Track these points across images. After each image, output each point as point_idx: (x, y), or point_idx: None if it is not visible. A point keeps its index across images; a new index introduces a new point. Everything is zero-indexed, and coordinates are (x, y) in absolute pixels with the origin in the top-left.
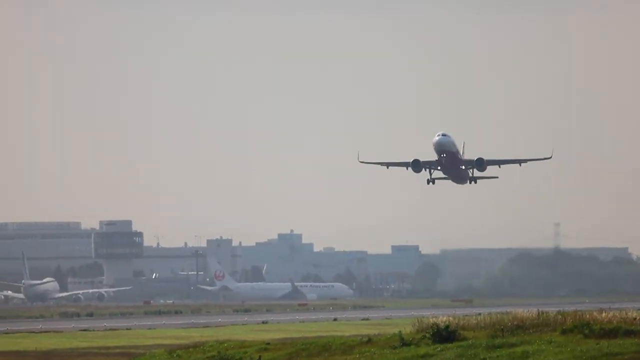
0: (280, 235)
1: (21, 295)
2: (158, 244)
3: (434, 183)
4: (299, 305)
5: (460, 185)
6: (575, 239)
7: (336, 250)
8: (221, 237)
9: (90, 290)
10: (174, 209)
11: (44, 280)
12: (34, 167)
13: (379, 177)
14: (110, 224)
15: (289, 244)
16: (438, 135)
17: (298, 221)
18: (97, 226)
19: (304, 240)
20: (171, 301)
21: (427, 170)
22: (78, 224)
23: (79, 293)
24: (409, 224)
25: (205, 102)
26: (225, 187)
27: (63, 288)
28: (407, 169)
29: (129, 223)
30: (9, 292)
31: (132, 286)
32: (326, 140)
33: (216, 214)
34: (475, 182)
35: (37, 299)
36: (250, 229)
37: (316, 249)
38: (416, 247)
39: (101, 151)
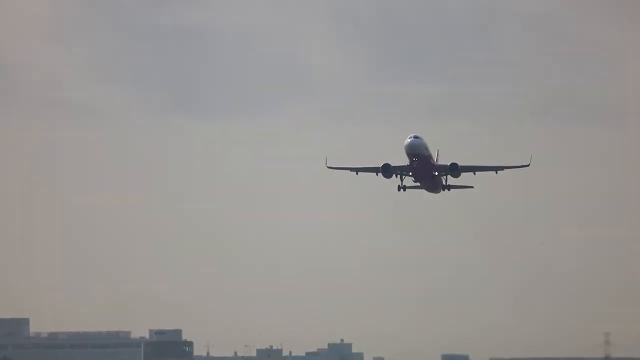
0: (330, 345)
1: None
2: (208, 353)
3: (404, 190)
4: None
5: (435, 195)
6: (626, 348)
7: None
8: (271, 346)
9: None
10: (224, 317)
11: None
12: (83, 276)
13: (425, 284)
14: (160, 333)
15: (339, 353)
16: (410, 138)
17: (348, 329)
18: (147, 335)
19: (354, 350)
20: None
21: (398, 176)
22: (128, 333)
23: None
24: (458, 332)
25: (253, 211)
26: (275, 294)
27: None
28: (377, 174)
29: (178, 332)
30: None
31: None
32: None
33: (266, 322)
34: (449, 190)
35: None
36: (300, 337)
37: (366, 358)
38: (466, 357)
39: (150, 261)
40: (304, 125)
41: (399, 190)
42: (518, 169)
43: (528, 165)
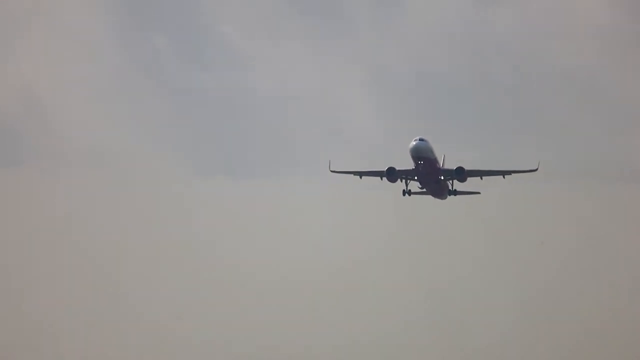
0: None
1: None
2: None
3: (410, 194)
4: None
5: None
6: None
7: None
8: None
9: None
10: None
11: None
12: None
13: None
14: None
15: None
16: (415, 140)
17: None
18: None
19: None
20: None
21: (403, 180)
22: None
23: None
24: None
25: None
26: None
27: None
28: (381, 179)
29: None
30: None
31: None
32: None
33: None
34: (456, 195)
35: None
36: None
37: None
38: None
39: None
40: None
41: (404, 195)
42: (525, 173)
43: (536, 169)
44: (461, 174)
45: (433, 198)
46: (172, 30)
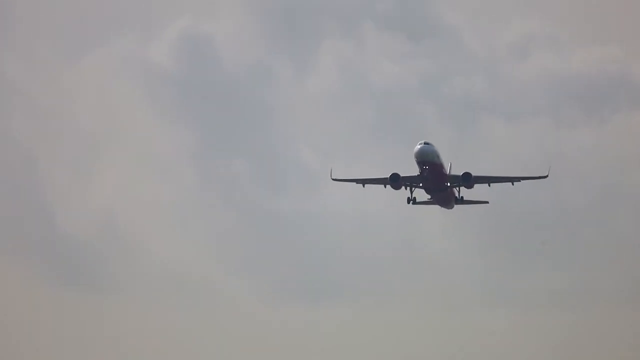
0: None
1: None
2: None
3: (415, 202)
4: None
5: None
6: None
7: None
8: None
9: None
10: None
11: None
12: None
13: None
14: None
15: None
16: (420, 144)
17: None
18: None
19: None
20: None
21: (408, 188)
22: None
23: None
24: None
25: None
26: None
27: None
28: (385, 187)
29: None
30: None
31: None
32: None
33: None
34: (462, 202)
35: None
36: None
37: None
38: None
39: None
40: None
41: (408, 202)
42: (535, 180)
43: (546, 176)
44: (468, 179)
45: (440, 208)
46: (249, 153)
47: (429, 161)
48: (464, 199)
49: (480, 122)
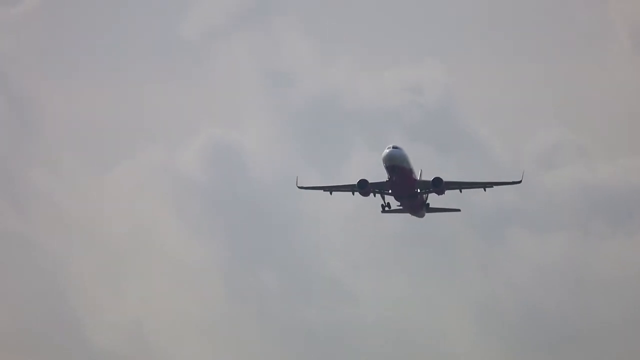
0: None
1: None
2: None
3: (389, 208)
4: None
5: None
6: None
7: None
8: None
9: None
10: None
11: None
12: None
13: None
14: None
15: None
16: (388, 148)
17: None
18: None
19: None
20: None
21: (378, 194)
22: None
23: None
24: None
25: None
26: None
27: None
28: (353, 194)
29: None
30: None
31: None
32: None
33: None
34: (434, 211)
35: None
36: None
37: None
38: None
39: None
40: None
41: (383, 210)
42: (509, 185)
43: (520, 181)
44: (439, 185)
45: (410, 216)
46: (277, 264)
47: (397, 166)
48: (433, 208)
49: (506, 233)
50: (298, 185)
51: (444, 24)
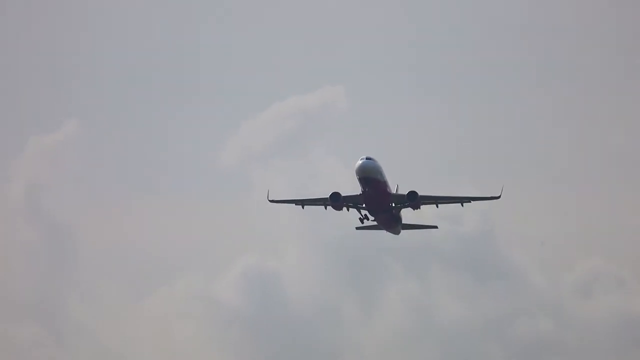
0: None
1: None
2: None
3: (368, 219)
4: None
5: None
6: None
7: None
8: None
9: None
10: None
11: None
12: None
13: None
14: None
15: None
16: (361, 159)
17: None
18: None
19: None
20: None
21: (353, 208)
22: None
23: None
24: None
25: None
26: None
27: None
28: (325, 208)
29: None
30: None
31: None
32: None
33: None
34: (410, 228)
35: None
36: None
37: None
38: None
39: None
40: None
41: (362, 222)
42: (488, 200)
43: (499, 197)
44: (414, 199)
45: (386, 232)
46: None
47: (371, 178)
48: (410, 225)
49: None
50: (269, 199)
51: (484, 162)
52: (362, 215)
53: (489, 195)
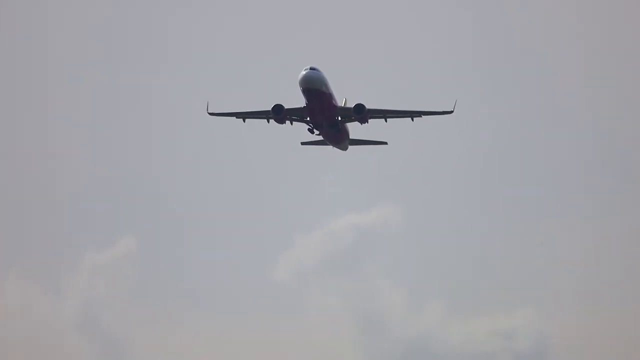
0: None
1: None
2: None
3: (313, 133)
4: None
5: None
6: None
7: None
8: None
9: None
10: None
11: None
12: None
13: None
14: None
15: None
16: (305, 70)
17: None
18: None
19: None
20: None
21: (297, 122)
22: None
23: None
24: None
25: None
26: None
27: None
28: (268, 121)
29: None
30: None
31: None
32: None
33: None
34: (358, 143)
35: None
36: None
37: None
38: None
39: None
40: None
41: (311, 132)
42: (439, 115)
43: (452, 112)
44: (360, 111)
45: (333, 148)
46: None
47: (315, 89)
48: (358, 140)
49: None
50: (209, 111)
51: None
52: (312, 127)
53: (441, 110)
